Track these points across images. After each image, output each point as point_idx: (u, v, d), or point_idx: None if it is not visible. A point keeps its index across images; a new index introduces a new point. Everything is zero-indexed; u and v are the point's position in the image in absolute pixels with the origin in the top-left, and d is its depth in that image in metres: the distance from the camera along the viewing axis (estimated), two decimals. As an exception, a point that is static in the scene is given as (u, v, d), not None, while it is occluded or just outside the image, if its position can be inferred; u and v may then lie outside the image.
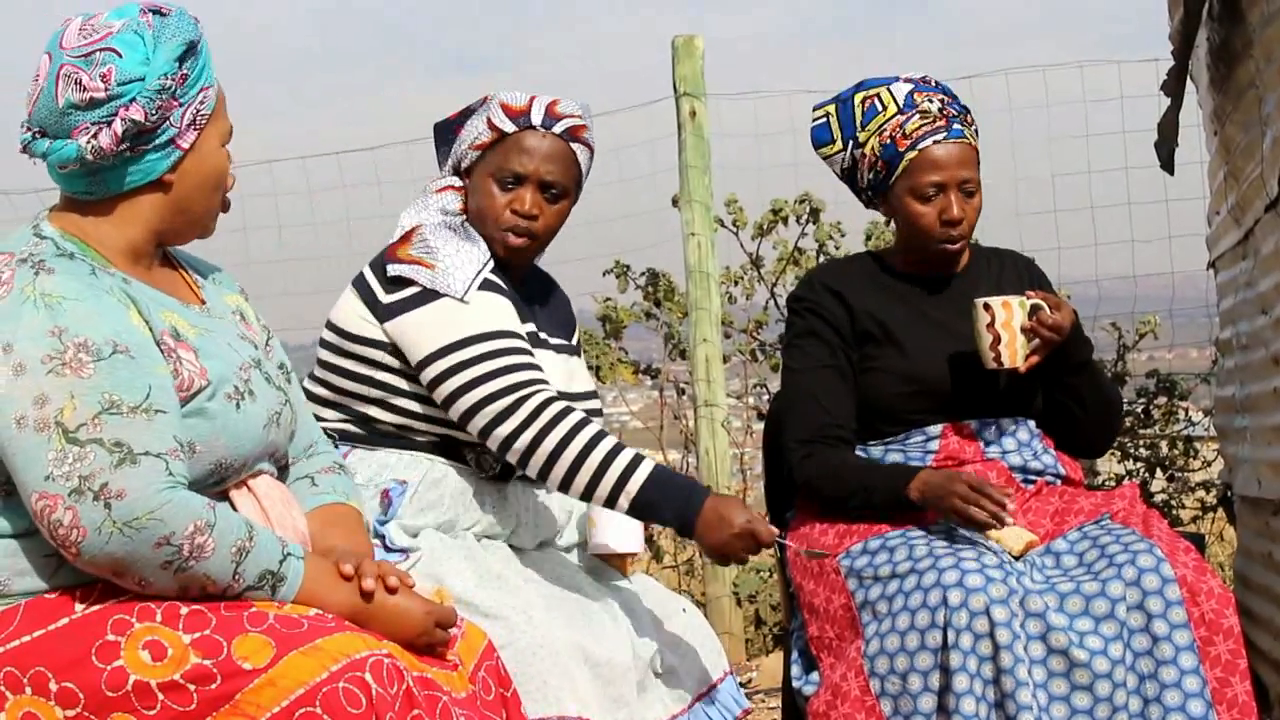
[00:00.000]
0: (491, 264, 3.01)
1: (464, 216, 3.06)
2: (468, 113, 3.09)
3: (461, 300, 2.92)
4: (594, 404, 3.14)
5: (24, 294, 2.19)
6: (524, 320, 3.03)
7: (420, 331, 2.90)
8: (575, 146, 3.04)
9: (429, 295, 2.94)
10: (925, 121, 3.17)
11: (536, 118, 3.01)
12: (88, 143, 2.24)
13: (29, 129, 2.30)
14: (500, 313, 2.95)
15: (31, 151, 2.30)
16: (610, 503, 2.85)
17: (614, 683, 2.84)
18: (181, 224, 2.38)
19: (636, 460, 2.84)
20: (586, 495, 2.85)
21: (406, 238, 3.00)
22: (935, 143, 3.17)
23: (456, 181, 3.10)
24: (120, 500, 2.11)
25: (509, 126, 3.01)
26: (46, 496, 2.12)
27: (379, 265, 3.00)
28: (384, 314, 2.95)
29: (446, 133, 3.14)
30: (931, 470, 3.09)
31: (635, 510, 2.85)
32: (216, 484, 2.31)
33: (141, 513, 2.11)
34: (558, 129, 3.02)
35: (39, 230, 2.31)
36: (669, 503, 2.85)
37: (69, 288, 2.20)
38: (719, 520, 2.84)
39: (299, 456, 2.57)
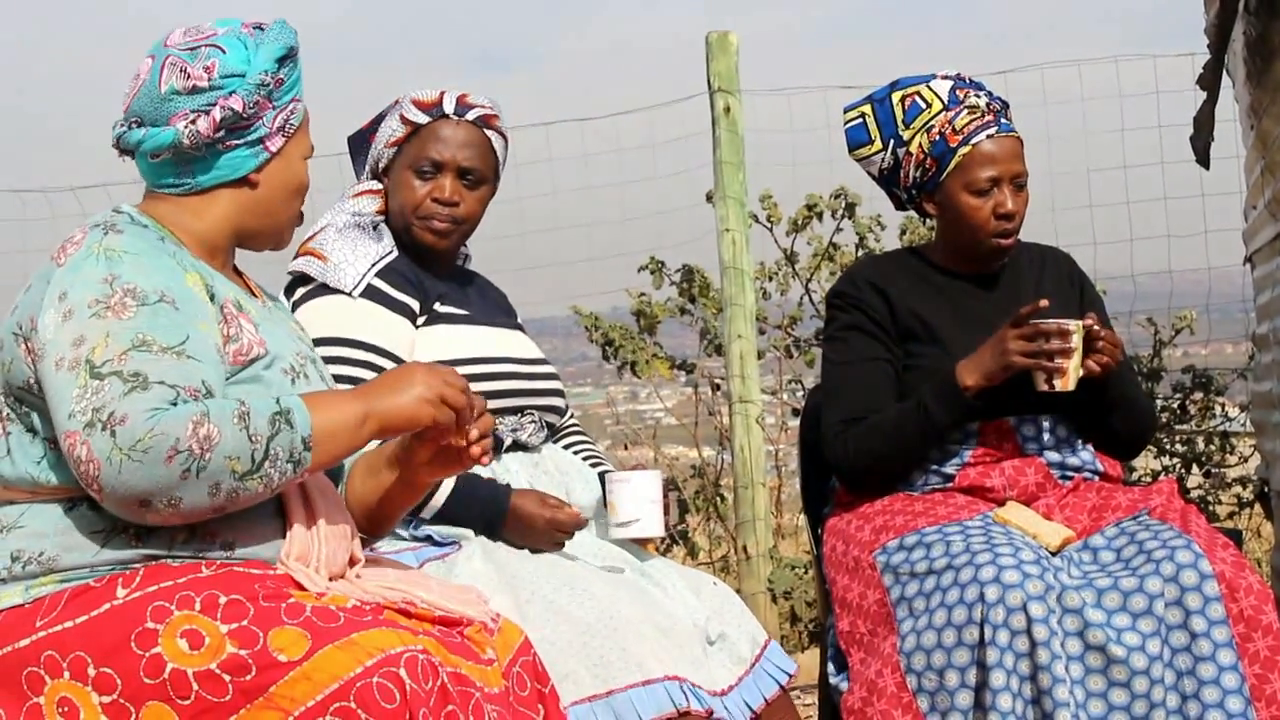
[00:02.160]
0: (391, 257, 3.07)
1: (382, 218, 3.13)
2: (379, 118, 3.17)
3: (349, 296, 3.00)
4: (548, 368, 3.21)
5: (90, 250, 2.27)
6: (458, 305, 3.10)
7: (310, 323, 2.91)
8: (490, 134, 3.12)
9: (323, 289, 3.02)
10: (975, 117, 3.16)
11: (449, 107, 3.09)
12: (186, 128, 2.33)
13: (124, 123, 2.38)
14: (375, 324, 3.00)
15: (124, 143, 2.38)
16: (415, 513, 2.93)
17: (685, 645, 2.86)
18: (261, 225, 2.45)
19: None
20: None
21: (312, 236, 3.08)
22: (988, 137, 3.16)
23: (375, 185, 3.17)
24: (123, 426, 2.09)
25: (422, 118, 3.09)
26: (70, 435, 2.12)
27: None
28: (295, 309, 3.02)
29: (361, 142, 3.21)
30: (967, 358, 3.10)
31: (440, 520, 2.95)
32: None
33: (143, 433, 2.08)
34: (470, 116, 3.10)
35: (118, 208, 2.39)
36: (474, 514, 2.95)
37: (132, 244, 2.28)
38: (527, 519, 2.95)
39: None
